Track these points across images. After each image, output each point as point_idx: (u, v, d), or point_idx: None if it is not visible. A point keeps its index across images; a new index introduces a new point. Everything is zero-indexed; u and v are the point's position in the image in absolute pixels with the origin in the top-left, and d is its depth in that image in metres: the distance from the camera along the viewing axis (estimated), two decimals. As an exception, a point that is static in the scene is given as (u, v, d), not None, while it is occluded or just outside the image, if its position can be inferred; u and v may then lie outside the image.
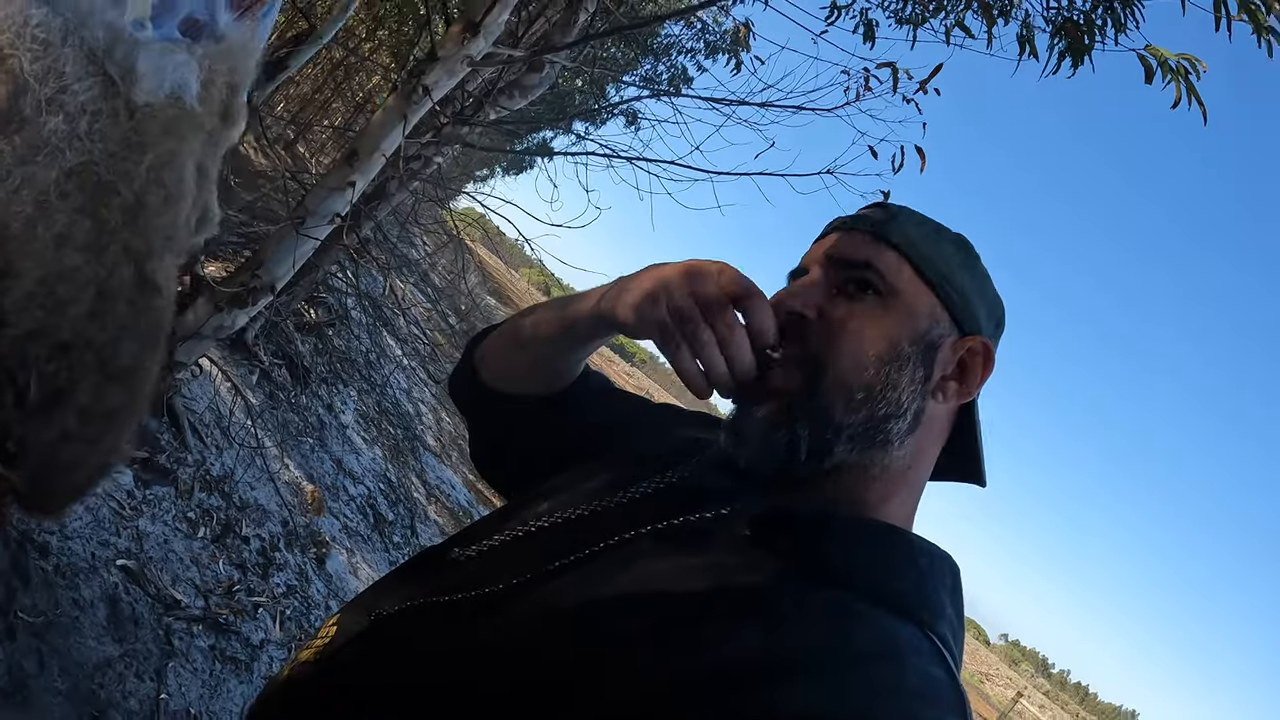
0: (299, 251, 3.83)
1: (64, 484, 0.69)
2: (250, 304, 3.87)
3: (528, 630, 0.86)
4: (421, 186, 7.01)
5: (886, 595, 0.83)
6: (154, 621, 3.19)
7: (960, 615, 0.89)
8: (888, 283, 0.95)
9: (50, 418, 0.61)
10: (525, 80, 5.25)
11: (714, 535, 0.91)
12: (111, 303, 0.62)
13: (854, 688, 0.73)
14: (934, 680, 0.78)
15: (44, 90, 0.59)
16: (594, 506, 1.01)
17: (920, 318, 0.95)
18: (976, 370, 0.97)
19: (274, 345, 6.20)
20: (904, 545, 0.90)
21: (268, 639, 3.72)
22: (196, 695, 3.13)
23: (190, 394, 4.52)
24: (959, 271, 0.99)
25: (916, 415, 0.93)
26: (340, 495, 5.80)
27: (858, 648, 0.77)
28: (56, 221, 0.59)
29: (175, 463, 4.02)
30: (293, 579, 4.30)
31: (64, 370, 0.60)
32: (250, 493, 4.49)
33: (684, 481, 1.01)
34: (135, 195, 0.61)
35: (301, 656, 1.04)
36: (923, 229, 1.00)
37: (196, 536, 3.83)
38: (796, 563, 0.85)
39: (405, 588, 1.03)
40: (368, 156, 3.78)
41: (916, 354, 0.93)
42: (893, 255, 0.96)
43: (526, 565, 0.93)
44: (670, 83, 10.03)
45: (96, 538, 3.25)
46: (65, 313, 0.59)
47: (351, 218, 5.12)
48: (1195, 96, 3.66)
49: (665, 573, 0.86)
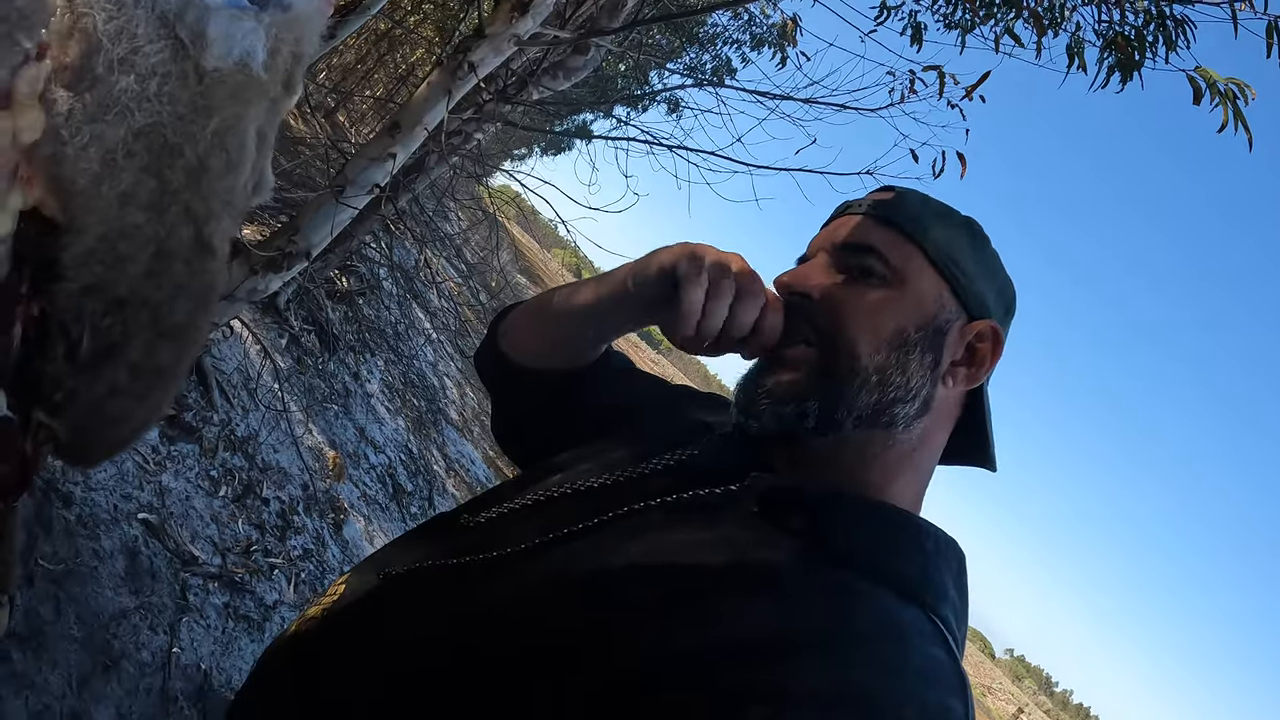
0: (336, 220, 3.84)
1: (107, 437, 0.70)
2: (285, 269, 3.89)
3: (536, 595, 0.87)
4: (460, 162, 7.03)
5: (891, 576, 0.84)
6: (171, 576, 3.22)
7: (964, 600, 0.89)
8: (893, 267, 0.95)
9: (101, 372, 0.62)
10: (570, 62, 5.25)
11: (723, 510, 0.91)
12: (169, 262, 0.63)
13: (859, 667, 0.74)
14: (936, 661, 0.78)
15: (116, 50, 0.60)
16: (606, 479, 1.02)
17: (927, 302, 0.94)
18: (985, 355, 0.96)
19: (305, 311, 6.24)
20: (910, 528, 0.90)
21: (281, 600, 3.75)
22: (208, 651, 3.16)
23: (220, 354, 4.56)
24: (967, 254, 0.98)
25: (926, 401, 0.94)
26: (361, 463, 5.83)
27: (863, 627, 0.78)
28: (122, 180, 0.60)
29: (201, 421, 4.05)
30: (309, 543, 4.33)
31: (118, 326, 0.62)
32: (273, 455, 4.52)
33: (695, 459, 1.01)
34: (199, 158, 0.62)
35: (309, 613, 1.05)
36: (929, 211, 1.00)
37: (218, 495, 3.86)
38: (804, 540, 0.86)
39: (416, 549, 1.04)
40: (409, 129, 3.79)
41: (924, 339, 0.93)
42: (898, 238, 0.96)
43: (536, 531, 0.94)
44: (714, 73, 10.00)
45: (120, 490, 3.28)
46: (124, 269, 0.61)
47: (389, 189, 5.14)
48: (1242, 121, 3.63)
49: (676, 544, 0.87)
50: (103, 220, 0.60)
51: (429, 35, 12.29)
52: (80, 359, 0.62)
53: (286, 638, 1.06)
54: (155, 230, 0.61)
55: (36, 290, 0.61)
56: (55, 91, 0.59)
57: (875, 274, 0.95)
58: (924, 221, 0.98)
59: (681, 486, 0.95)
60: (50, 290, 0.60)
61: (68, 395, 0.64)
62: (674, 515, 0.91)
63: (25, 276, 0.60)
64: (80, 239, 0.59)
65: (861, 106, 5.37)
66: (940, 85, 4.96)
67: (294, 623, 1.08)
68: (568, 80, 5.40)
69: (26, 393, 0.64)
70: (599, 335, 1.18)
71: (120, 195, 0.60)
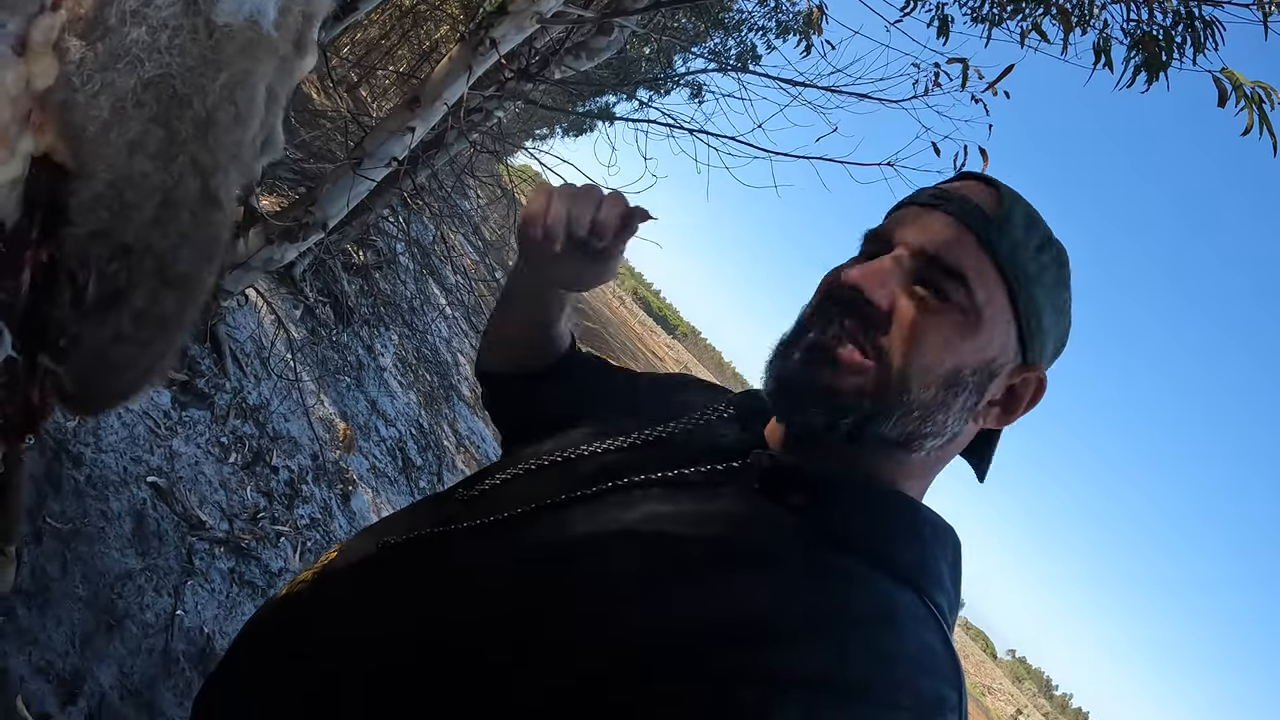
0: (354, 192, 3.86)
1: (110, 385, 0.71)
2: (301, 239, 3.92)
3: (528, 560, 0.87)
4: (480, 139, 7.03)
5: (888, 560, 0.83)
6: (177, 540, 3.25)
7: (958, 588, 0.88)
8: (976, 304, 0.88)
9: (105, 317, 0.63)
10: (593, 42, 5.24)
11: (723, 486, 0.91)
12: (175, 211, 0.64)
13: (853, 652, 0.73)
14: (931, 649, 0.78)
15: (129, 2, 0.61)
16: (598, 446, 1.01)
17: (994, 347, 0.90)
18: (1023, 402, 0.94)
19: (320, 283, 6.26)
20: (909, 512, 0.90)
21: (286, 568, 3.77)
22: (211, 615, 3.18)
23: (234, 323, 4.58)
24: (1048, 299, 0.92)
25: (953, 437, 0.92)
26: (371, 435, 5.85)
27: (858, 611, 0.78)
28: (131, 128, 0.61)
29: (213, 388, 4.07)
30: (317, 512, 4.36)
31: (123, 272, 0.62)
32: (284, 424, 4.55)
33: (691, 433, 1.01)
34: (207, 110, 0.63)
35: (301, 577, 1.06)
36: (1031, 241, 0.92)
37: (227, 461, 3.89)
38: (803, 520, 0.85)
39: (411, 521, 1.04)
40: (429, 104, 3.80)
41: (976, 382, 0.90)
42: (993, 276, 0.89)
43: (531, 497, 0.93)
44: (738, 59, 9.96)
45: (130, 453, 3.30)
46: (130, 216, 0.62)
47: (408, 164, 5.15)
48: (1267, 125, 3.60)
49: (673, 517, 0.87)
50: (111, 167, 0.60)
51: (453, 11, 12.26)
52: (86, 304, 0.63)
53: (276, 601, 1.06)
54: (162, 179, 0.62)
55: (45, 236, 0.62)
56: (68, 40, 0.60)
57: (955, 304, 0.88)
58: (1023, 261, 0.90)
59: (678, 459, 0.94)
60: (59, 236, 0.61)
61: (72, 341, 0.65)
62: (673, 489, 0.91)
63: (35, 222, 0.61)
64: (89, 185, 0.60)
65: (885, 97, 5.36)
66: (964, 77, 4.95)
67: (284, 587, 1.09)
68: (590, 61, 5.38)
69: (33, 338, 0.65)
70: (536, 317, 1.22)
71: (129, 143, 0.61)
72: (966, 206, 0.92)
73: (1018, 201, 0.94)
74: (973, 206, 0.92)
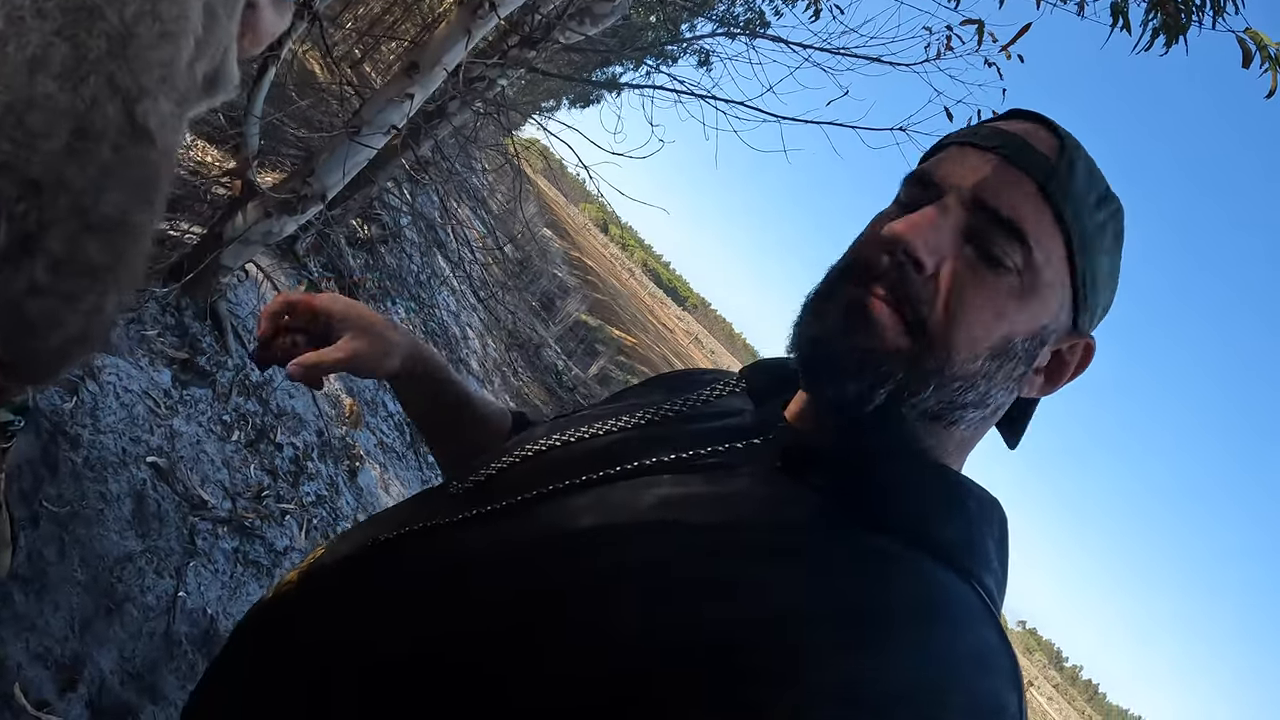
0: (352, 161, 3.78)
1: (42, 346, 0.62)
2: (300, 211, 3.84)
3: (531, 550, 0.78)
4: (484, 109, 6.93)
5: (929, 540, 0.74)
6: (179, 520, 3.19)
7: (1005, 567, 0.79)
8: (1034, 264, 0.79)
9: (18, 265, 0.55)
10: (597, 7, 5.15)
11: (741, 467, 0.82)
12: (92, 143, 0.55)
13: (898, 651, 0.64)
14: (988, 646, 0.69)
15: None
16: (603, 427, 0.94)
17: (1048, 313, 0.81)
18: (1069, 369, 0.86)
19: (324, 258, 6.19)
20: (952, 485, 0.80)
21: (292, 546, 3.71)
22: (215, 596, 3.13)
23: (235, 299, 4.51)
24: (1105, 265, 0.84)
25: (997, 409, 0.83)
26: (379, 411, 5.80)
27: (901, 602, 0.68)
28: (30, 42, 0.52)
29: (215, 366, 4.00)
30: (323, 489, 4.30)
31: (33, 212, 0.54)
32: (288, 401, 4.48)
33: (700, 411, 0.93)
34: (125, 24, 0.54)
35: (288, 577, 0.98)
36: (1092, 194, 0.82)
37: (230, 440, 3.82)
38: (832, 501, 0.76)
39: (402, 515, 0.95)
40: (428, 70, 3.72)
41: (1026, 350, 0.81)
42: (1054, 231, 0.80)
43: (532, 484, 0.85)
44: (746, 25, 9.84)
45: (129, 434, 3.24)
46: (36, 146, 0.53)
47: (410, 135, 5.06)
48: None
49: (688, 502, 0.78)
50: (8, 87, 0.52)
51: (457, -16, 12.14)
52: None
53: (264, 603, 0.99)
54: (72, 103, 0.53)
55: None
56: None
57: (1010, 266, 0.79)
58: (1084, 217, 0.81)
59: (690, 438, 0.86)
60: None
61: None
62: (686, 473, 0.82)
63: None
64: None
65: (896, 60, 5.28)
66: (979, 38, 4.84)
67: (271, 588, 1.03)
68: (595, 26, 5.30)
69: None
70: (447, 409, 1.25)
71: (28, 60, 0.52)
72: (1027, 152, 0.82)
73: (1079, 150, 0.84)
74: (1034, 152, 0.82)
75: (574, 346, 19.43)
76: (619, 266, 76.91)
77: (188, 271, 3.85)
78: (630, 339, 27.56)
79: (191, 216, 4.69)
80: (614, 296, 37.45)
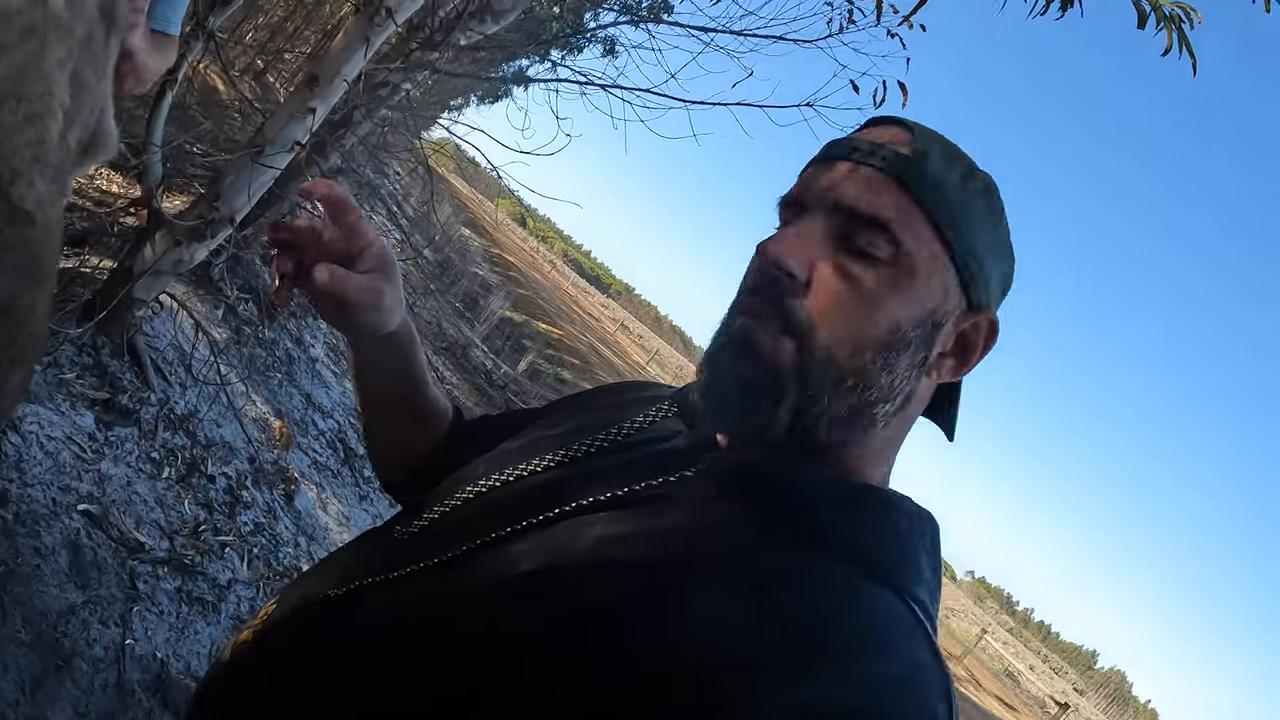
0: (259, 181, 3.71)
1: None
2: (209, 237, 3.76)
3: (478, 600, 0.79)
4: (391, 115, 6.85)
5: (867, 560, 0.76)
6: (118, 566, 3.12)
7: (938, 575, 0.82)
8: (903, 250, 0.81)
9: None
10: (497, 4, 5.11)
11: (677, 499, 0.83)
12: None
13: (839, 678, 0.66)
14: (920, 665, 0.71)
15: None
16: (539, 465, 0.94)
17: (933, 295, 0.82)
18: (978, 348, 0.86)
19: (240, 279, 6.08)
20: (882, 505, 0.82)
21: (235, 578, 3.65)
22: (163, 639, 3.07)
23: (152, 331, 4.41)
24: (983, 234, 0.85)
25: (909, 396, 0.84)
26: (309, 430, 5.72)
27: (841, 627, 0.70)
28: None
29: (138, 403, 3.91)
30: (260, 516, 4.23)
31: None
32: (216, 430, 4.40)
33: (635, 440, 0.94)
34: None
35: (241, 637, 0.97)
36: (953, 175, 0.84)
37: (161, 477, 3.74)
38: (767, 525, 0.78)
39: (349, 568, 0.94)
40: (329, 82, 3.66)
41: (920, 336, 0.82)
42: (917, 215, 0.82)
43: (474, 532, 0.85)
44: (649, 10, 9.83)
45: (57, 483, 3.16)
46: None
47: (316, 147, 4.98)
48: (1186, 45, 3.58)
49: (625, 539, 0.79)
50: None
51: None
52: None
53: (221, 665, 0.98)
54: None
55: None
56: None
57: (881, 257, 0.81)
58: (949, 196, 0.83)
59: (625, 470, 0.87)
60: None
61: None
62: (623, 509, 0.83)
63: None
64: None
65: (799, 37, 5.31)
66: (878, 11, 4.89)
67: (226, 648, 1.00)
68: (496, 23, 5.26)
69: None
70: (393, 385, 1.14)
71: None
72: (879, 150, 0.85)
73: (932, 136, 0.87)
74: (885, 148, 0.85)
75: (501, 344, 19.34)
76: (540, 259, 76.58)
77: (100, 309, 3.75)
78: (557, 331, 27.51)
79: (100, 249, 4.57)
80: (537, 290, 37.31)
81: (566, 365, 21.96)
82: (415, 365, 1.13)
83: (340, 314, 0.96)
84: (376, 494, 5.78)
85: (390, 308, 0.99)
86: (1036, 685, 36.59)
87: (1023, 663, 38.86)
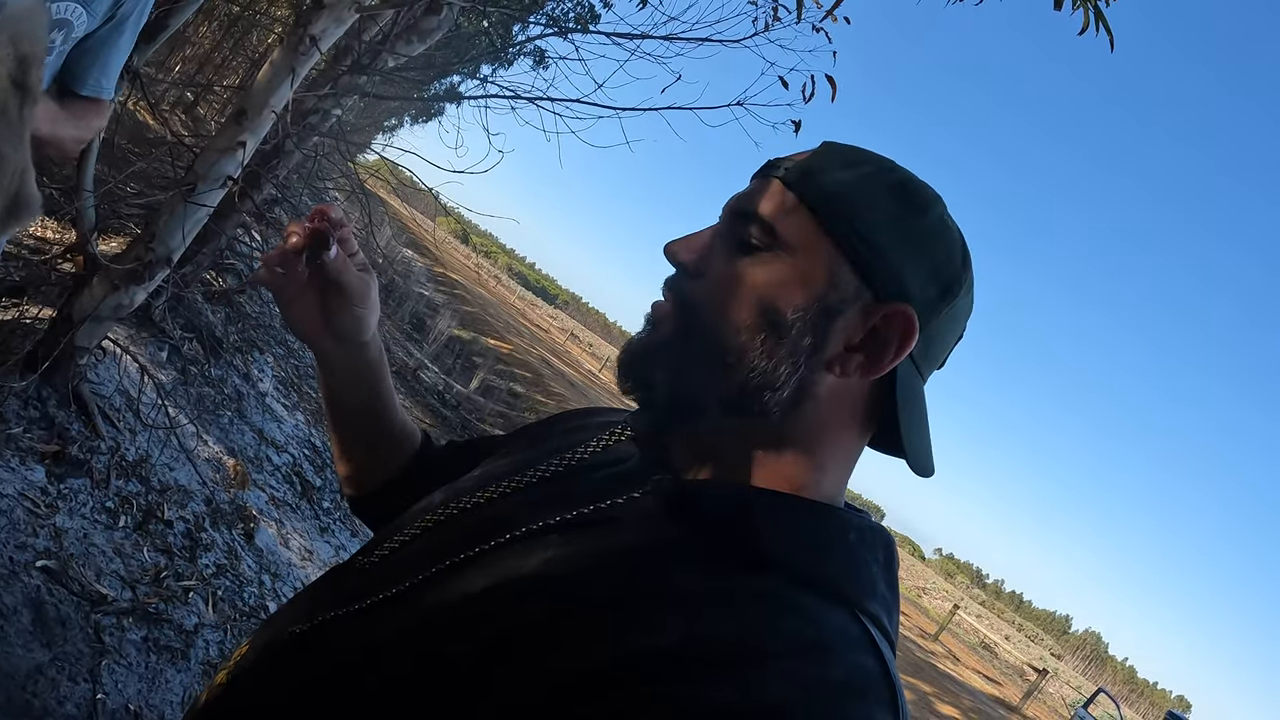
0: (193, 220, 3.66)
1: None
2: (147, 279, 3.71)
3: (434, 625, 0.80)
4: (323, 142, 6.80)
5: (812, 577, 0.77)
6: (82, 620, 3.07)
7: (894, 589, 0.82)
8: (781, 238, 0.84)
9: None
10: (423, 24, 5.10)
11: (624, 520, 0.84)
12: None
13: (771, 682, 0.67)
14: (863, 671, 0.71)
15: None
16: (492, 491, 0.96)
17: (815, 280, 0.83)
18: (891, 343, 0.83)
19: (182, 319, 5.99)
20: (829, 521, 0.82)
21: (202, 622, 3.60)
22: (134, 690, 3.02)
23: (97, 378, 4.34)
24: (885, 225, 0.84)
25: (800, 388, 0.83)
26: (264, 466, 5.65)
27: (778, 637, 0.71)
28: None
29: (88, 452, 3.85)
30: (221, 557, 4.18)
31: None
32: (170, 474, 4.34)
33: (589, 464, 0.96)
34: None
35: (217, 679, 0.98)
36: (847, 171, 0.86)
37: (118, 526, 3.68)
38: (713, 544, 0.79)
39: (315, 604, 0.96)
40: (257, 114, 3.62)
41: (804, 321, 0.82)
42: (793, 204, 0.85)
43: (430, 560, 0.88)
44: (577, 20, 9.83)
45: (13, 541, 3.10)
46: None
47: (249, 180, 4.93)
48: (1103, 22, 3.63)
49: (575, 560, 0.80)
50: None
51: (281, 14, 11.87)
52: None
53: (197, 710, 0.97)
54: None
55: None
56: None
57: (759, 245, 0.85)
58: (835, 189, 0.85)
59: (578, 494, 0.89)
60: None
61: None
62: (572, 531, 0.84)
63: None
64: None
65: (724, 38, 5.32)
66: (799, 7, 4.92)
67: (203, 692, 1.01)
68: (423, 43, 5.25)
69: None
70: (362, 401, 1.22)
71: None
72: (780, 164, 0.91)
73: (840, 149, 0.91)
74: (786, 162, 0.91)
75: (451, 363, 19.25)
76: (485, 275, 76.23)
77: (43, 360, 3.68)
78: (506, 345, 27.37)
79: (39, 299, 4.50)
80: (484, 306, 37.11)
81: (518, 379, 21.88)
82: (384, 382, 1.22)
83: (333, 304, 1.10)
84: (338, 525, 5.74)
85: (373, 305, 1.13)
86: (1014, 654, 36.93)
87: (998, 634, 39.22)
